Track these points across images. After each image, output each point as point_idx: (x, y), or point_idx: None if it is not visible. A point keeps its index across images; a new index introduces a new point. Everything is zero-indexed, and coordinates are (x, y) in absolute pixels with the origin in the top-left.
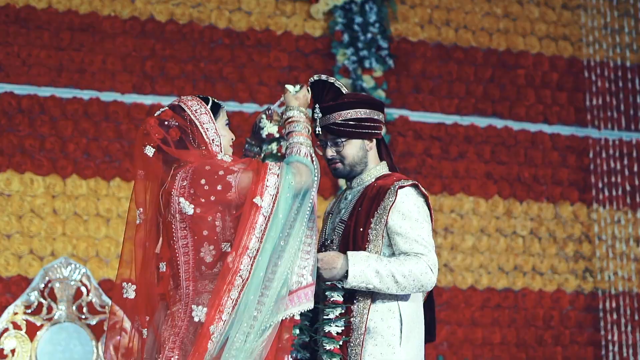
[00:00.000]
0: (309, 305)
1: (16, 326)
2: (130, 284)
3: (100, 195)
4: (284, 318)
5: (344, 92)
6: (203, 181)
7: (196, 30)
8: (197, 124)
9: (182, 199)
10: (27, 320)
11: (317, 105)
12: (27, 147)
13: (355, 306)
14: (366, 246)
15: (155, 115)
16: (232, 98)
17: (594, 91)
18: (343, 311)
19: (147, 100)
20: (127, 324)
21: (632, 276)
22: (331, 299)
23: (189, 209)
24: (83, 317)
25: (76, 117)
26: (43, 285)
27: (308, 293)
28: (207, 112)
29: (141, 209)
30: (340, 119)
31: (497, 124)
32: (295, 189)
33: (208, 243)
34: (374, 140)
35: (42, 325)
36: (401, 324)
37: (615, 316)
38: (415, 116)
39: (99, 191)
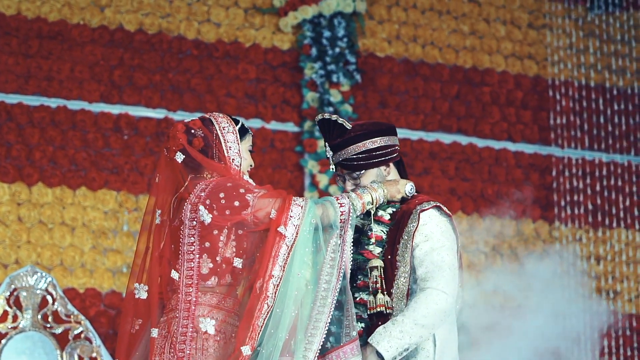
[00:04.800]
0: (358, 359)
1: None
2: (142, 284)
3: (65, 203)
4: None
5: (347, 127)
6: (222, 194)
7: (165, 40)
8: (222, 140)
9: (201, 207)
10: None
11: (326, 144)
12: None
13: None
14: (395, 273)
15: (184, 121)
16: (199, 109)
17: (557, 110)
18: None
19: (115, 109)
20: (91, 334)
21: (592, 294)
22: None
23: (207, 217)
24: (48, 325)
25: (43, 125)
26: (9, 294)
27: (354, 348)
28: (234, 132)
29: (160, 211)
30: (350, 154)
31: (461, 140)
32: (316, 224)
33: (207, 255)
34: (391, 164)
35: (6, 334)
36: (435, 345)
37: None
38: None
39: (64, 200)
